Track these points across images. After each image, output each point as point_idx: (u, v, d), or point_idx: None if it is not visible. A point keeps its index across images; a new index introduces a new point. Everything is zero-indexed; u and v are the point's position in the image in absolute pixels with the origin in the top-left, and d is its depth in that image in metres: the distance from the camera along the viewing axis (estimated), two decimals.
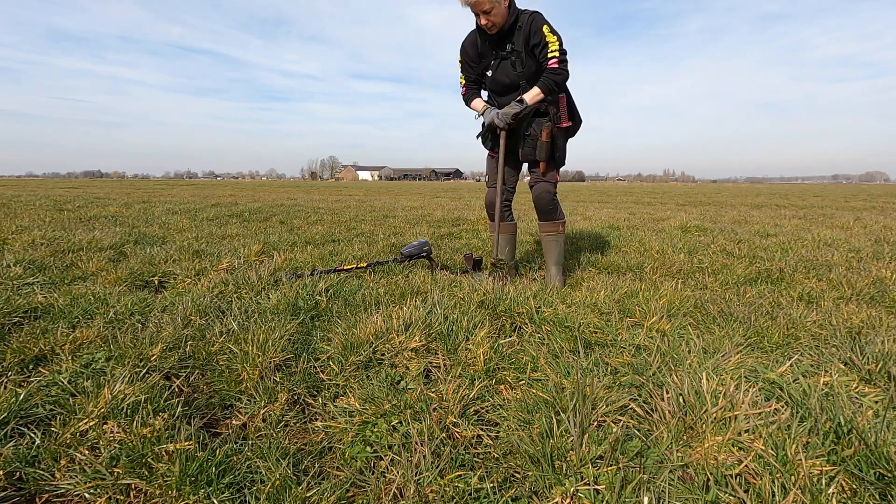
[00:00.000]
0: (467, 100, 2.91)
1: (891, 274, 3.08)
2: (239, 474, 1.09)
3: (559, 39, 2.57)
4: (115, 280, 2.75)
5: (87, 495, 1.03)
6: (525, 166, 2.95)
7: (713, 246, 4.38)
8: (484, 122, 2.77)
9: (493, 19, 2.51)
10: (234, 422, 1.36)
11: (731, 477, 1.06)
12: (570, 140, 2.87)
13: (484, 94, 2.95)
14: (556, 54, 2.58)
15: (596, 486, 1.03)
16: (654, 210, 9.71)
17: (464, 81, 2.88)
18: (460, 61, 2.84)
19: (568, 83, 2.70)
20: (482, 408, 1.41)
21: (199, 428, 1.28)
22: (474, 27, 2.70)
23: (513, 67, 2.68)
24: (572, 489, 1.03)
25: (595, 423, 1.26)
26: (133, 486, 1.05)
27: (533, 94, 2.60)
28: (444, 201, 12.22)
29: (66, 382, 1.44)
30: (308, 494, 1.03)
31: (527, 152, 2.77)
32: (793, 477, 1.02)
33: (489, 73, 2.76)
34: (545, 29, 2.56)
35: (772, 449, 1.10)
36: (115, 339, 1.76)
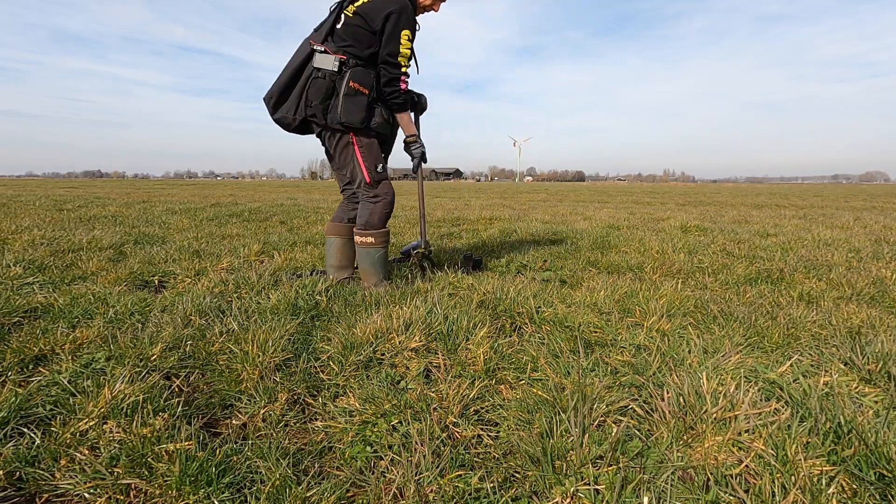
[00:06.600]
0: (412, 100, 2.62)
1: (891, 274, 3.08)
2: (239, 474, 1.09)
3: None
4: (115, 280, 2.75)
5: (87, 495, 1.03)
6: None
7: (713, 246, 4.38)
8: (421, 151, 2.60)
9: None
10: (234, 422, 1.36)
11: (732, 477, 1.06)
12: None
13: None
14: None
15: (596, 486, 1.03)
16: (654, 210, 9.71)
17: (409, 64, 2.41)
18: (411, 38, 2.38)
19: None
20: (482, 408, 1.41)
21: (199, 428, 1.28)
22: (411, 6, 2.39)
23: None
24: (572, 489, 1.03)
25: (595, 423, 1.26)
26: (133, 486, 1.05)
27: None
28: (444, 201, 12.22)
29: (66, 382, 1.44)
30: (308, 494, 1.03)
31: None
32: (793, 477, 1.02)
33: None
34: None
35: (772, 449, 1.10)
36: (115, 338, 1.76)
